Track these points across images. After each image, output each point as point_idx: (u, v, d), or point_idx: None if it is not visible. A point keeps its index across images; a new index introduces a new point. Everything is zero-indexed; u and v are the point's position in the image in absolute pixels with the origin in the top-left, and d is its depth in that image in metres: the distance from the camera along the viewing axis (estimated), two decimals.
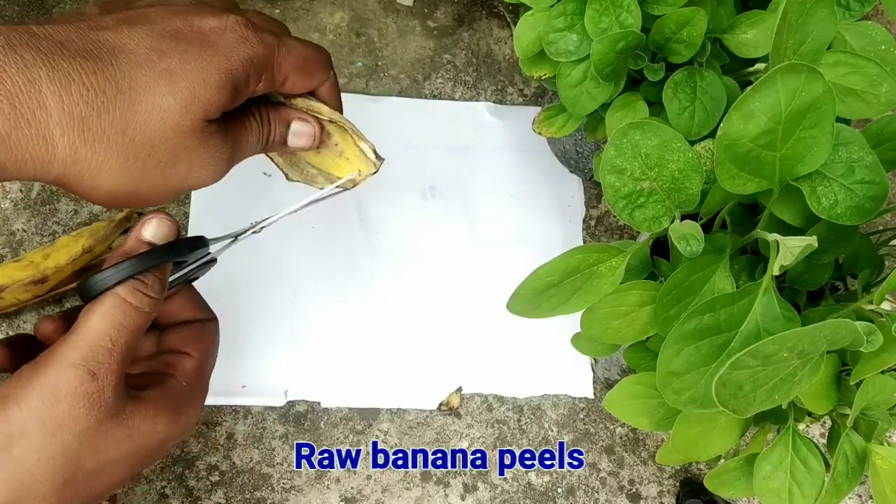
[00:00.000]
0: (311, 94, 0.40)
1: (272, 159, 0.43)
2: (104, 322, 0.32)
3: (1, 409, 0.31)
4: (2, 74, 0.28)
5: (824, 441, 0.81)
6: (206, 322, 0.41)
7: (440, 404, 0.79)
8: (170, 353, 0.39)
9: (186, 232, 0.81)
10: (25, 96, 0.28)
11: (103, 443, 0.32)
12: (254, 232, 0.40)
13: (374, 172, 0.42)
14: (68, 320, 0.35)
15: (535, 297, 0.46)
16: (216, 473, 0.76)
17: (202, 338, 0.40)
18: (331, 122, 0.41)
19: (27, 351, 0.36)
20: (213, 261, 0.39)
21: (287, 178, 0.44)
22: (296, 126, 0.39)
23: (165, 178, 0.33)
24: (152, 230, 0.35)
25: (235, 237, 0.39)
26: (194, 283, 0.41)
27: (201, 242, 0.37)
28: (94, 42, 0.31)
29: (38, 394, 0.31)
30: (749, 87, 0.37)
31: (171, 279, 0.36)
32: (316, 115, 0.40)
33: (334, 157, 0.42)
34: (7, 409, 0.30)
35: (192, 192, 0.81)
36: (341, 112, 0.42)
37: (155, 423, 0.34)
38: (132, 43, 0.31)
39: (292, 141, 0.39)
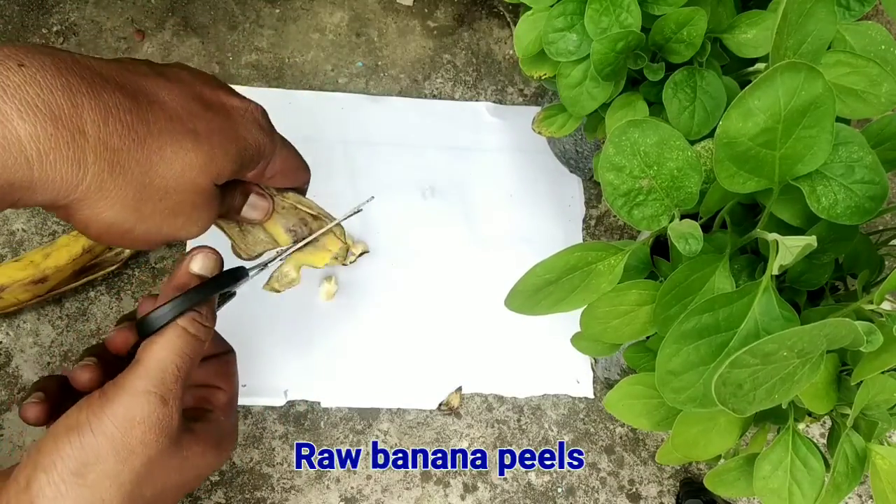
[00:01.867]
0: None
1: (225, 231, 0.45)
2: (170, 351, 0.33)
3: (76, 437, 0.32)
4: (49, 95, 0.28)
5: (824, 441, 0.80)
6: (228, 354, 0.43)
7: (440, 404, 0.79)
8: (204, 388, 0.41)
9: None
10: (68, 119, 0.29)
11: (164, 470, 0.33)
12: (280, 261, 0.43)
13: (343, 262, 0.48)
14: (105, 368, 0.37)
15: (533, 294, 0.46)
16: (216, 473, 0.76)
17: (228, 371, 0.42)
18: (315, 217, 0.45)
19: (62, 399, 0.37)
20: (233, 294, 0.42)
21: (236, 252, 0.45)
22: (253, 199, 0.41)
23: (163, 226, 0.34)
24: (200, 264, 0.37)
25: (265, 265, 0.43)
26: None
27: (243, 272, 0.40)
28: (133, 83, 0.32)
29: (111, 421, 0.32)
30: (748, 85, 0.37)
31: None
32: (306, 209, 0.44)
33: (314, 249, 0.46)
34: (82, 436, 0.32)
35: None
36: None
37: (204, 455, 0.36)
38: (167, 96, 0.33)
39: (247, 211, 0.41)
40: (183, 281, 0.37)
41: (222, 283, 0.37)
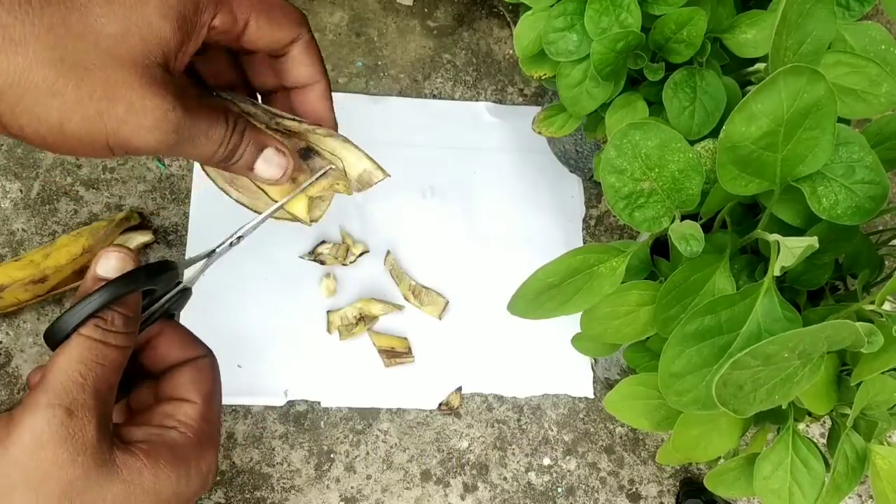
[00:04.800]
0: (284, 55, 0.36)
1: (213, 179, 0.39)
2: (70, 359, 0.30)
3: None
4: None
5: (824, 441, 0.81)
6: (199, 360, 0.37)
7: (440, 404, 0.79)
8: (168, 403, 0.35)
9: (186, 232, 0.81)
10: None
11: (98, 497, 0.29)
12: (231, 245, 0.37)
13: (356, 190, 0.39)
14: None
15: (535, 298, 0.46)
16: (216, 473, 0.76)
17: (199, 378, 0.36)
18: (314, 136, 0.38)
19: None
20: (188, 290, 0.36)
21: (226, 192, 0.40)
22: (269, 153, 0.35)
23: (101, 115, 0.29)
24: (104, 266, 0.32)
25: (209, 254, 0.37)
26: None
27: (166, 266, 0.34)
28: None
29: (17, 444, 0.28)
30: (751, 89, 0.37)
31: (145, 313, 0.34)
32: (329, 152, 0.37)
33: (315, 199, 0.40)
34: None
35: (193, 191, 0.81)
36: (330, 103, 0.38)
37: (157, 477, 0.30)
38: None
39: (260, 167, 0.35)
40: (87, 287, 0.32)
41: (134, 282, 0.32)
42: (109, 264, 0.32)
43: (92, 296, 0.31)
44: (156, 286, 0.34)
